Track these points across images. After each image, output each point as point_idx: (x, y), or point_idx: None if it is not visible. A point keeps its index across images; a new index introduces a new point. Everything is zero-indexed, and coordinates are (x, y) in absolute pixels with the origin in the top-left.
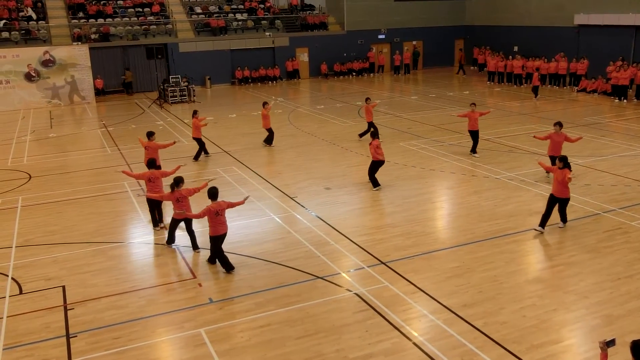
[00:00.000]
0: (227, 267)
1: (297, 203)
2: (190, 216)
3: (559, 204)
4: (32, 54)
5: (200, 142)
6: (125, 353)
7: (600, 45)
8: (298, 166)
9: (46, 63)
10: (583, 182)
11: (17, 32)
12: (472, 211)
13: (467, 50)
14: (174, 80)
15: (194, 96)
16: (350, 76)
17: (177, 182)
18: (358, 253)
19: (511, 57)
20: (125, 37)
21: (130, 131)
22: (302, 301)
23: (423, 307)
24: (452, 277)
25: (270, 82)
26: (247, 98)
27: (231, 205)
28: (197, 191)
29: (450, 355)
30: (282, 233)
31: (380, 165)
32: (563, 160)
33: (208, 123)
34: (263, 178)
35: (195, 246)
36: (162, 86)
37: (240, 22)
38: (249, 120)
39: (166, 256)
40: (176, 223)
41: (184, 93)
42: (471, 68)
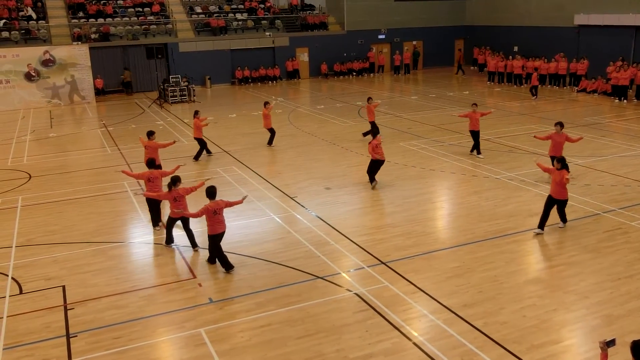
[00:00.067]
0: (227, 267)
1: (297, 203)
2: (188, 215)
3: (557, 206)
4: (32, 54)
5: (201, 142)
6: (125, 353)
7: (600, 45)
8: (298, 166)
9: (46, 63)
10: (583, 182)
11: (17, 32)
12: (472, 211)
13: (468, 50)
14: (174, 80)
15: (194, 96)
16: (350, 76)
17: (175, 181)
18: (358, 253)
19: (511, 57)
20: (125, 37)
21: (130, 131)
22: (303, 301)
23: (423, 307)
24: (452, 277)
25: (270, 82)
26: (247, 98)
27: (229, 204)
28: (194, 190)
29: (450, 355)
30: (282, 233)
31: (379, 164)
32: (561, 161)
33: (209, 123)
34: (263, 178)
35: (194, 244)
36: (162, 86)
37: (240, 22)
38: (249, 120)
39: (166, 256)
40: (173, 222)
41: (184, 93)
42: (471, 68)
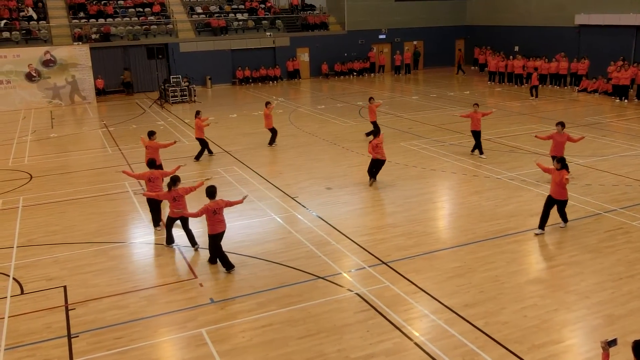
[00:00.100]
0: (227, 266)
1: (298, 203)
2: (187, 215)
3: (557, 206)
4: (33, 54)
5: (203, 143)
6: (126, 353)
7: (601, 45)
8: (299, 166)
9: (47, 63)
10: (584, 182)
11: (18, 32)
12: (473, 211)
13: (468, 50)
14: (175, 80)
15: (195, 96)
16: (351, 76)
17: (174, 181)
18: (359, 253)
19: (512, 57)
20: (125, 37)
21: (131, 131)
22: (304, 301)
23: (424, 307)
24: (454, 277)
25: (270, 82)
26: (248, 98)
27: (229, 204)
28: (194, 190)
29: (451, 355)
30: (283, 233)
31: (380, 164)
32: (561, 161)
33: (210, 123)
34: (264, 178)
35: (193, 243)
36: (163, 86)
37: (240, 22)
38: (250, 120)
39: (167, 256)
40: (172, 221)
41: (185, 93)
42: (472, 68)
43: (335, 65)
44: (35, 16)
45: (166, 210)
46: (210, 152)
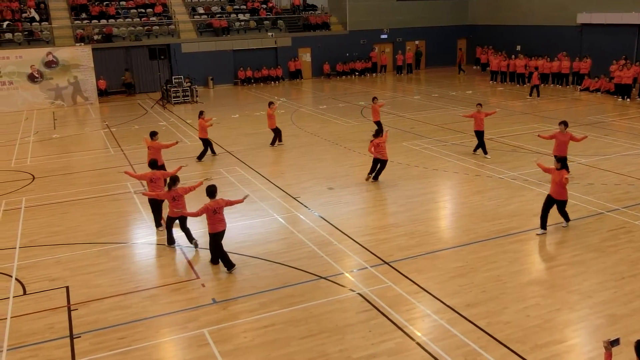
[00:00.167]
0: (228, 265)
1: (300, 203)
2: (187, 214)
3: (557, 206)
4: (35, 55)
5: (206, 143)
6: (129, 353)
7: (603, 44)
8: (301, 166)
9: (49, 64)
10: (586, 181)
11: (20, 33)
12: (476, 211)
13: (470, 49)
14: (177, 80)
15: (197, 97)
16: (352, 76)
17: (174, 181)
18: (361, 253)
19: (514, 57)
20: (128, 38)
21: (133, 132)
22: (306, 301)
23: (426, 307)
24: (456, 277)
25: (272, 83)
26: (250, 98)
27: (230, 203)
28: (193, 189)
29: (453, 355)
30: (285, 233)
31: (381, 163)
32: (561, 160)
33: (213, 124)
34: (266, 178)
35: (191, 239)
36: (165, 87)
37: (242, 23)
38: (252, 120)
39: (169, 257)
40: (172, 221)
41: (187, 93)
42: (474, 67)
43: (337, 65)
44: (37, 17)
45: (167, 211)
46: (213, 153)
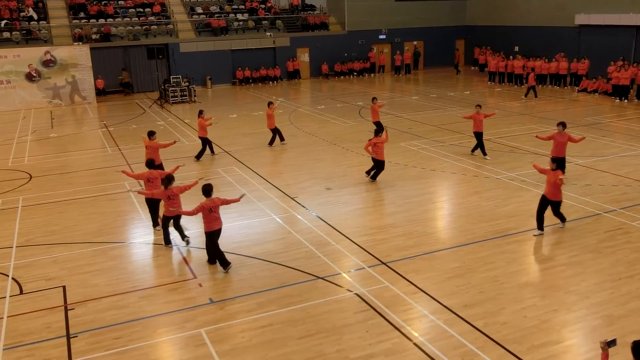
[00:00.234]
0: (224, 264)
1: (298, 203)
2: (183, 213)
3: (552, 207)
4: (33, 54)
5: (206, 142)
6: (125, 353)
7: (601, 45)
8: (299, 166)
9: (47, 63)
10: (584, 182)
11: (18, 32)
12: (473, 211)
13: (468, 50)
14: (175, 80)
15: (195, 96)
16: (351, 76)
17: (169, 180)
18: (359, 253)
19: (512, 58)
20: (126, 37)
21: (131, 131)
22: (303, 301)
23: (424, 308)
24: (453, 278)
25: (271, 83)
26: (248, 98)
27: (226, 202)
28: (188, 189)
29: (450, 355)
30: (283, 233)
31: (377, 164)
32: (556, 161)
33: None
34: (264, 178)
35: (183, 236)
36: (163, 86)
37: (241, 22)
38: (250, 120)
39: (166, 256)
40: (167, 220)
41: (185, 93)
42: (472, 68)
43: (335, 65)
44: (35, 16)
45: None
46: (212, 152)
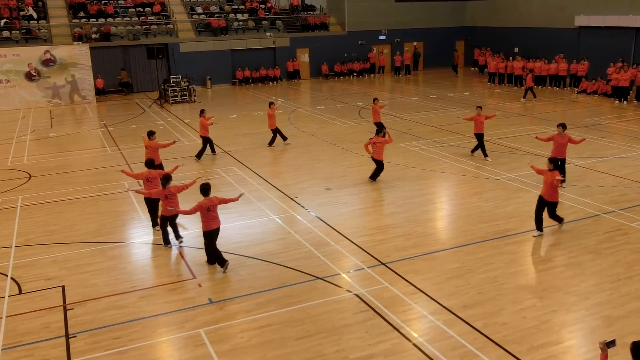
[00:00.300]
0: (221, 262)
1: (298, 204)
2: (181, 212)
3: (548, 209)
4: (33, 53)
5: (207, 141)
6: (125, 353)
7: (600, 46)
8: (298, 167)
9: (47, 62)
10: (583, 184)
11: (18, 31)
12: (473, 212)
13: (468, 51)
14: (175, 80)
15: (195, 96)
16: (350, 77)
17: (167, 179)
18: (358, 254)
19: (512, 59)
20: (126, 37)
21: (130, 131)
22: (303, 302)
23: (423, 308)
24: (452, 278)
25: (270, 83)
26: (248, 98)
27: (224, 201)
28: (186, 188)
29: (450, 356)
30: (282, 234)
31: (377, 164)
32: (553, 162)
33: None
34: (263, 178)
35: (177, 236)
36: (163, 86)
37: (241, 23)
38: (250, 120)
39: (165, 256)
40: (165, 220)
41: (185, 93)
42: (471, 69)
43: (335, 65)
44: (35, 15)
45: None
46: (213, 151)
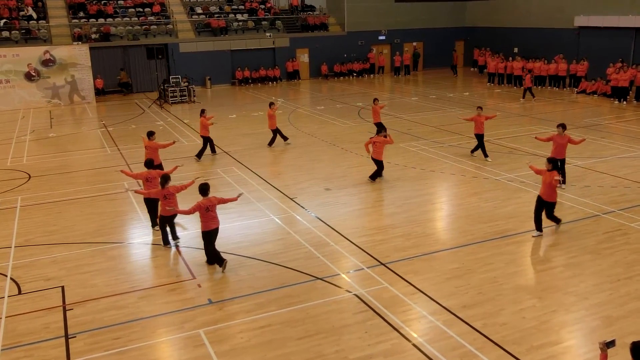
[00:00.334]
0: (219, 262)
1: (297, 204)
2: (180, 212)
3: (546, 209)
4: (33, 54)
5: (207, 141)
6: (124, 354)
7: (600, 46)
8: (298, 167)
9: (46, 63)
10: (583, 184)
11: (18, 32)
12: (472, 212)
13: (468, 51)
14: (174, 80)
15: (194, 96)
16: (350, 77)
17: (165, 179)
18: (358, 254)
19: (511, 59)
20: (125, 37)
21: (130, 131)
22: (302, 302)
23: (423, 308)
24: (452, 279)
25: (270, 83)
26: (247, 99)
27: (222, 201)
28: (184, 188)
29: (449, 356)
30: (282, 234)
31: (376, 164)
32: (552, 162)
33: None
34: (263, 179)
35: (175, 237)
36: (162, 86)
37: (240, 23)
38: (249, 120)
39: (165, 257)
40: (164, 220)
41: (184, 93)
42: (471, 69)
43: (334, 66)
44: (35, 16)
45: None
46: (213, 151)
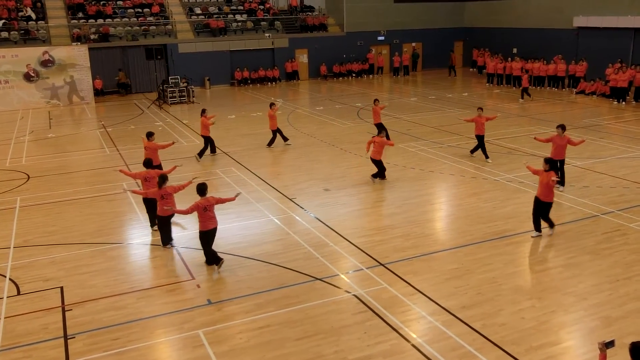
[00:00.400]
0: (216, 261)
1: (296, 204)
2: (178, 212)
3: (542, 209)
4: (31, 54)
5: (208, 140)
6: (123, 354)
7: (599, 47)
8: (297, 167)
9: (45, 63)
10: (582, 184)
11: (17, 32)
12: (471, 213)
13: (467, 52)
14: (173, 81)
15: (193, 97)
16: (349, 78)
17: (163, 179)
18: (357, 254)
19: (510, 59)
20: (124, 38)
21: (129, 132)
22: (301, 303)
23: (422, 309)
24: (451, 279)
25: (269, 83)
26: (247, 99)
27: (220, 201)
28: (182, 188)
29: (449, 357)
30: (281, 234)
31: (375, 164)
32: (549, 162)
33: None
34: (262, 179)
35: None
36: (162, 87)
37: (239, 23)
38: (249, 121)
39: (165, 257)
40: (163, 220)
41: (183, 94)
42: (470, 70)
43: (333, 66)
44: (34, 16)
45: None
46: (213, 151)
